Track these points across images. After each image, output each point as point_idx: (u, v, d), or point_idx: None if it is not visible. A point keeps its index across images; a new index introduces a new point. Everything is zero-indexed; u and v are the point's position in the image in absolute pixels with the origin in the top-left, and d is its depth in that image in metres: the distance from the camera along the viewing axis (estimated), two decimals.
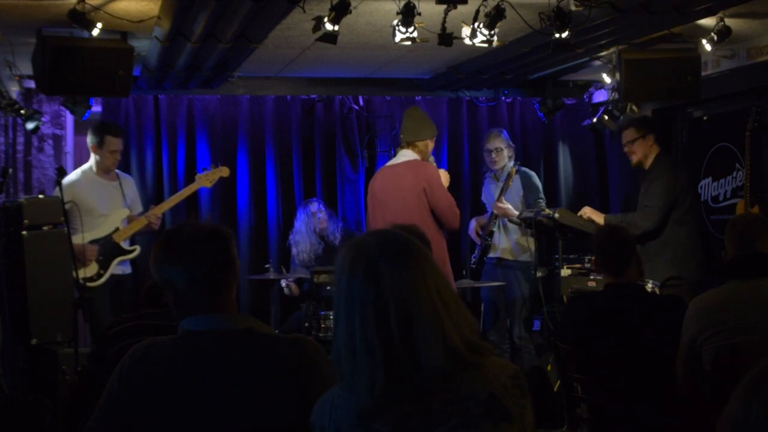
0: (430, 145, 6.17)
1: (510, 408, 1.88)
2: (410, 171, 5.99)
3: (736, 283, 3.97)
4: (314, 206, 7.53)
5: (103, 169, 6.69)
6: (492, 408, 1.86)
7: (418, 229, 4.02)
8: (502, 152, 7.18)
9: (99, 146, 6.63)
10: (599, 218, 6.44)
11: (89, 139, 6.69)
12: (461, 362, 1.87)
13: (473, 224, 7.34)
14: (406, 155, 6.07)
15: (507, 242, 7.13)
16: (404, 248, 1.94)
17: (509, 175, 7.00)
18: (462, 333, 1.89)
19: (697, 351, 3.92)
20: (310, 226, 7.48)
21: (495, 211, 7.03)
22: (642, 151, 6.36)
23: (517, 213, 6.95)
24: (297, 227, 7.58)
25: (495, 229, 7.14)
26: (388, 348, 1.84)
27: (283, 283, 7.46)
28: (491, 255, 7.17)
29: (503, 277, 7.07)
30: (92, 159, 6.72)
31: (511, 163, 7.21)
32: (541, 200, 7.10)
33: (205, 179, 7.05)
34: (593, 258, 6.37)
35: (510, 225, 7.08)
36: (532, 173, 7.34)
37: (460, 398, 1.85)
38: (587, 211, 6.51)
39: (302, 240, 7.52)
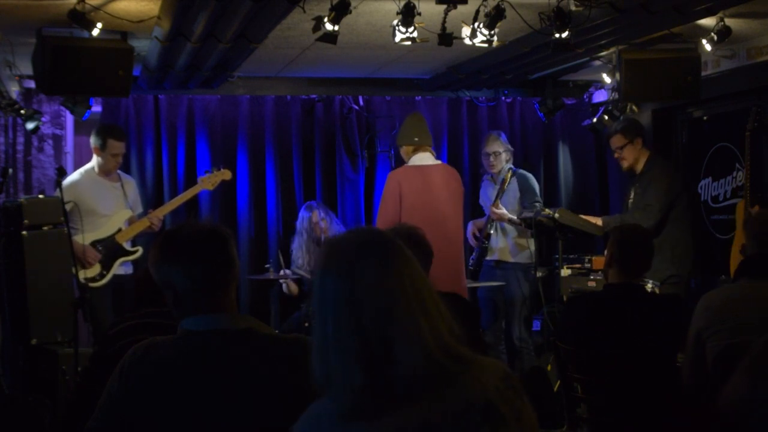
0: None
1: (506, 413, 1.83)
2: (454, 177, 6.27)
3: (747, 282, 3.96)
4: (316, 215, 7.42)
5: (104, 171, 6.69)
6: (490, 415, 1.81)
7: (419, 231, 4.04)
8: (500, 156, 7.17)
9: (101, 149, 6.63)
10: (596, 219, 6.45)
11: (92, 141, 6.69)
12: (438, 369, 1.81)
13: (470, 227, 7.34)
14: (431, 158, 6.22)
15: (504, 244, 7.12)
16: (383, 248, 1.88)
17: (504, 180, 7.01)
18: (440, 338, 1.83)
19: (701, 346, 3.92)
20: (311, 235, 7.41)
21: (491, 216, 7.04)
22: (632, 156, 6.42)
23: (512, 217, 6.94)
24: (297, 233, 7.54)
25: (492, 231, 7.15)
26: (364, 349, 1.79)
27: (283, 285, 7.44)
28: (489, 257, 7.17)
29: (502, 278, 7.07)
30: (94, 160, 6.72)
31: (508, 166, 7.21)
32: (537, 203, 7.06)
33: (208, 182, 7.04)
34: (595, 257, 6.40)
35: (507, 226, 7.08)
36: (530, 175, 7.31)
37: (460, 409, 1.80)
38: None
39: (299, 247, 7.48)
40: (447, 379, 1.82)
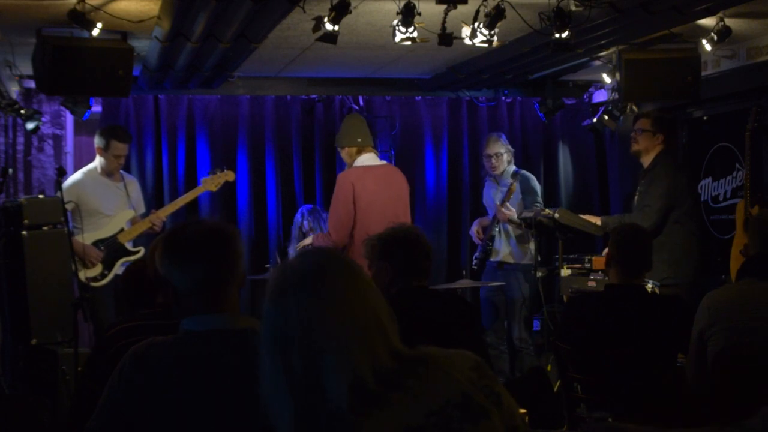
0: None
1: (484, 403, 1.81)
2: (402, 176, 6.21)
3: (749, 282, 3.96)
4: (305, 224, 7.35)
5: (106, 172, 6.69)
6: (468, 408, 1.79)
7: (416, 230, 4.05)
8: (501, 157, 7.17)
9: (104, 149, 6.63)
10: (596, 219, 6.44)
11: (96, 141, 6.69)
12: (368, 398, 1.75)
13: (475, 225, 7.34)
14: (376, 159, 6.19)
15: (508, 246, 7.12)
16: (317, 276, 1.80)
17: (511, 184, 6.98)
18: (378, 362, 1.77)
19: (704, 345, 3.92)
20: (301, 242, 7.38)
21: (498, 217, 7.03)
22: (644, 145, 6.31)
23: (517, 219, 6.93)
24: (291, 240, 7.52)
25: (496, 233, 7.14)
26: (293, 383, 1.75)
27: None
28: (492, 259, 7.16)
29: (504, 279, 7.07)
30: (97, 160, 6.71)
31: (512, 168, 7.20)
32: (538, 204, 7.06)
33: (211, 183, 7.02)
34: (595, 257, 6.40)
35: (510, 229, 7.08)
36: (532, 176, 7.32)
37: (438, 407, 1.78)
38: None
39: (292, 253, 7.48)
40: (407, 384, 1.78)
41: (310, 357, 1.75)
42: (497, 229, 7.13)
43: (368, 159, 6.13)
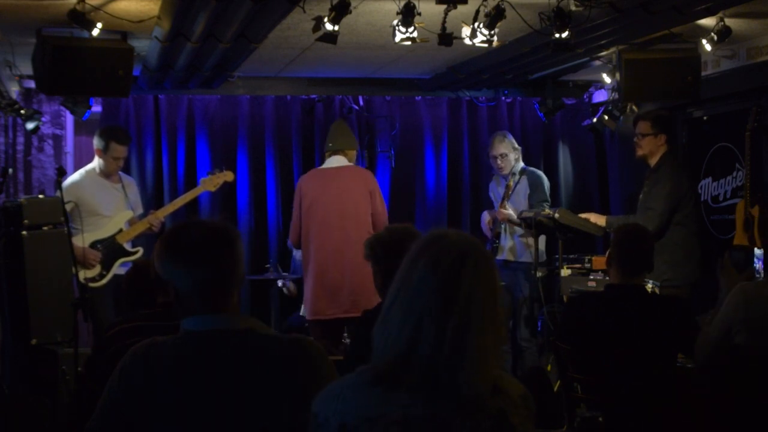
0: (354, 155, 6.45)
1: (517, 426, 1.86)
2: (358, 175, 6.23)
3: None
4: None
5: (105, 173, 6.68)
6: (500, 424, 1.84)
7: (413, 229, 4.04)
8: (507, 157, 7.10)
9: (103, 151, 6.61)
10: (600, 220, 6.42)
11: (95, 142, 6.68)
12: (480, 400, 1.87)
13: (486, 217, 7.26)
14: (340, 161, 6.21)
15: (512, 243, 7.10)
16: (488, 255, 1.95)
17: (507, 186, 6.96)
18: (492, 369, 1.89)
19: (729, 336, 3.94)
20: None
21: (498, 216, 7.02)
22: (649, 148, 6.29)
23: (515, 218, 6.90)
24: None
25: (501, 230, 7.12)
26: (433, 336, 1.85)
27: (280, 283, 7.46)
28: (498, 257, 7.14)
29: (508, 278, 7.06)
30: (96, 161, 6.70)
31: (519, 165, 7.15)
32: (545, 203, 7.01)
33: (210, 183, 7.01)
34: (597, 257, 6.39)
35: (514, 226, 7.06)
36: (540, 173, 7.25)
37: (473, 411, 1.85)
38: (588, 216, 6.48)
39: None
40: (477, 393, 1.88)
41: (461, 326, 1.85)
42: (503, 226, 7.11)
43: (329, 161, 6.25)
